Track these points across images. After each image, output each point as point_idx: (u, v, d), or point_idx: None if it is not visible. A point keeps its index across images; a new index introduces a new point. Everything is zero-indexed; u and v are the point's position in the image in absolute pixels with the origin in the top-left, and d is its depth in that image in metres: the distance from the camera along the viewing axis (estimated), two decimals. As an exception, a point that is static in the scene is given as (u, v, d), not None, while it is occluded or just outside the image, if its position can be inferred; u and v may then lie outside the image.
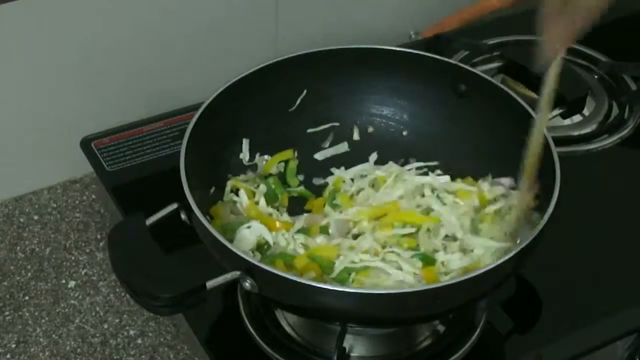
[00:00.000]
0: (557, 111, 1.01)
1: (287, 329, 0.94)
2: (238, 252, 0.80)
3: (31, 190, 1.15)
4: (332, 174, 1.03)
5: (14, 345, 0.99)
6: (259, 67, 0.98)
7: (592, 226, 1.05)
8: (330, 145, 1.05)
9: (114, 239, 0.84)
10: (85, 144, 1.12)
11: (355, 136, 1.05)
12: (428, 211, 0.95)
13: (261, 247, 0.92)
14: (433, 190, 0.97)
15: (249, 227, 0.92)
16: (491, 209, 0.94)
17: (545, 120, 0.88)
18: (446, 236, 0.93)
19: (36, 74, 1.09)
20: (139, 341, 0.99)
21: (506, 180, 0.97)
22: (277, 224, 0.94)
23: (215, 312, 0.96)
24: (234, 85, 0.96)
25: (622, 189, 1.11)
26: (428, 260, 0.89)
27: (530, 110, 0.94)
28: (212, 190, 0.96)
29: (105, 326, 1.01)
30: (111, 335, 1.00)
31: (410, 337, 0.94)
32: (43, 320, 1.01)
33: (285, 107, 1.03)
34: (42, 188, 1.16)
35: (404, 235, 0.92)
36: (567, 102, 1.01)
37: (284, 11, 1.20)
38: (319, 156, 1.04)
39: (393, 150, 1.04)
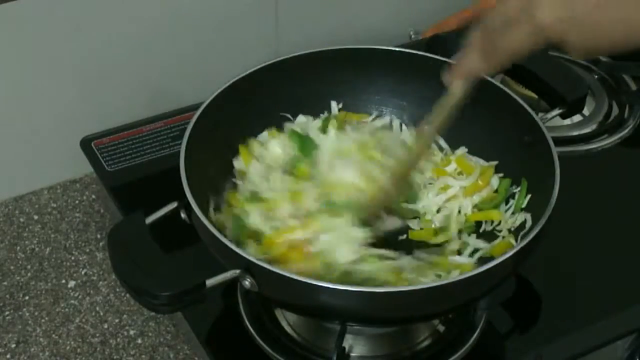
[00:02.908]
0: (557, 111, 1.01)
1: (287, 329, 0.94)
2: (237, 250, 0.80)
3: (31, 190, 1.15)
4: None
5: (14, 345, 0.99)
6: (259, 67, 0.98)
7: (592, 226, 1.05)
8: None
9: (114, 238, 0.84)
10: (85, 144, 1.12)
11: (356, 136, 1.05)
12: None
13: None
14: None
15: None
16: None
17: (432, 132, 0.89)
18: None
19: (36, 74, 1.09)
20: (139, 341, 0.99)
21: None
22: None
23: (215, 312, 0.96)
24: (234, 85, 0.96)
25: (622, 189, 1.11)
26: None
27: (530, 110, 0.94)
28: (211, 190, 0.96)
29: (105, 326, 1.01)
30: (111, 335, 1.00)
31: (410, 337, 0.94)
32: (43, 320, 1.01)
33: (285, 107, 1.03)
34: (42, 188, 1.16)
35: None
36: (567, 102, 1.01)
37: (284, 11, 1.20)
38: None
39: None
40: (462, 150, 1.00)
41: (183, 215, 0.88)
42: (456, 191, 0.97)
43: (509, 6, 0.76)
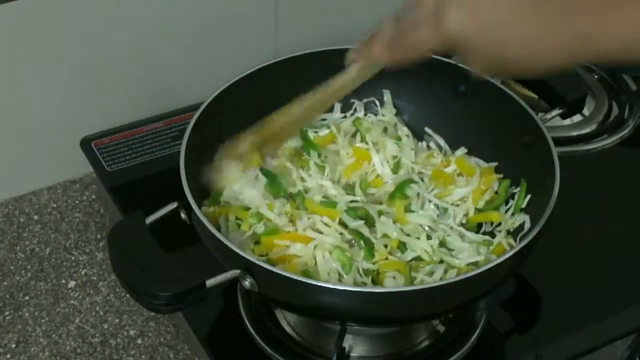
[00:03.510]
0: (557, 111, 1.01)
1: (287, 329, 0.94)
2: (237, 251, 0.80)
3: (31, 190, 1.15)
4: None
5: (14, 345, 0.99)
6: (259, 67, 0.98)
7: (592, 226, 1.05)
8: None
9: (114, 238, 0.84)
10: (85, 144, 1.12)
11: (356, 136, 1.05)
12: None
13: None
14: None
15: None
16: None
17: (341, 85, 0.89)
18: None
19: (36, 74, 1.09)
20: (139, 341, 0.99)
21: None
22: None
23: (215, 312, 0.97)
24: (234, 85, 0.96)
25: (622, 189, 1.11)
26: None
27: (530, 110, 0.94)
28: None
29: (105, 326, 1.01)
30: (111, 335, 1.00)
31: (410, 337, 0.94)
32: (43, 320, 1.01)
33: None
34: (42, 188, 1.16)
35: None
36: (567, 102, 1.01)
37: (284, 11, 1.20)
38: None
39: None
40: (461, 150, 1.00)
41: (183, 215, 0.88)
42: (460, 197, 0.96)
43: (423, 5, 0.76)
